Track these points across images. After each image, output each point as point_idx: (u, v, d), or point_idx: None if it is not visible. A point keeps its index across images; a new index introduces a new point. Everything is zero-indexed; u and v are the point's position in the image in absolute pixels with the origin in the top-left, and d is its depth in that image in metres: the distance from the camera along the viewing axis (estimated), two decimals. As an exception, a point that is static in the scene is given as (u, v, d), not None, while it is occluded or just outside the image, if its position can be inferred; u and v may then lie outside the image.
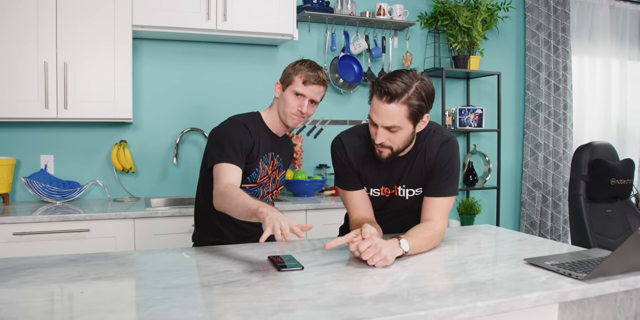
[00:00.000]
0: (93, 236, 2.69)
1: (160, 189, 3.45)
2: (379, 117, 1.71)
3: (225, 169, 1.90)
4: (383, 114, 1.69)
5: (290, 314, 1.15)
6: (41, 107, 2.86)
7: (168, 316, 1.12)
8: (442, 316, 1.19)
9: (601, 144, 2.67)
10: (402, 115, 1.69)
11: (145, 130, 3.41)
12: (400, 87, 1.66)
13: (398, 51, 3.99)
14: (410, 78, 1.69)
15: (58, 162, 3.24)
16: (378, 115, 1.71)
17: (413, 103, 1.68)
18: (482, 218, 4.32)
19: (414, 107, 1.69)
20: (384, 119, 1.70)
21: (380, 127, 1.73)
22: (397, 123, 1.70)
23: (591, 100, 4.73)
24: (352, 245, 1.58)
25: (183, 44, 3.47)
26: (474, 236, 2.09)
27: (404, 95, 1.66)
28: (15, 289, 1.32)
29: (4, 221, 2.55)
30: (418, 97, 1.68)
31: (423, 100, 1.70)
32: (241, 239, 2.09)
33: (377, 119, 1.71)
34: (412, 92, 1.67)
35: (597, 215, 2.59)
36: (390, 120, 1.69)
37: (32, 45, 2.83)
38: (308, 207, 3.09)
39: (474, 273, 1.51)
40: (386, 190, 1.95)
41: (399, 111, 1.68)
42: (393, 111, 1.68)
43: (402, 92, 1.66)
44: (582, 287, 1.39)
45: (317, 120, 3.76)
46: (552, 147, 4.42)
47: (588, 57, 4.69)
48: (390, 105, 1.67)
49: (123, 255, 1.71)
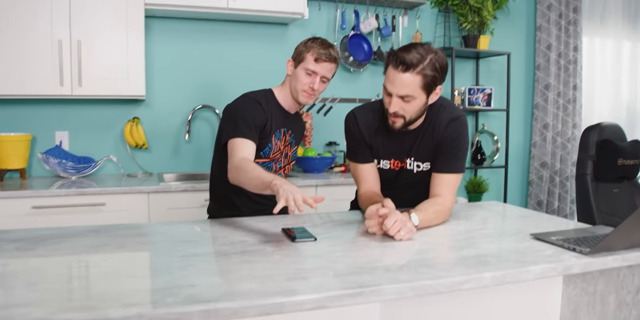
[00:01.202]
0: (109, 210, 2.76)
1: (173, 164, 3.51)
2: (394, 86, 1.76)
3: (240, 144, 1.95)
4: (398, 83, 1.75)
5: (304, 281, 1.21)
6: (56, 84, 2.91)
7: (189, 281, 1.18)
8: (449, 285, 1.25)
9: (609, 125, 2.70)
10: (416, 85, 1.75)
11: (158, 107, 3.46)
12: (415, 57, 1.72)
13: (408, 30, 4.00)
14: (425, 50, 1.75)
15: (73, 138, 3.30)
16: (393, 84, 1.76)
17: (427, 73, 1.74)
18: (490, 197, 4.36)
19: (428, 78, 1.75)
20: (399, 88, 1.76)
21: (395, 96, 1.78)
22: (411, 92, 1.76)
23: (601, 82, 4.72)
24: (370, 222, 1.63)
25: (195, 22, 3.49)
26: (481, 212, 2.13)
27: (419, 65, 1.73)
28: (43, 256, 1.38)
29: (23, 195, 2.62)
30: (432, 68, 1.74)
31: (437, 72, 1.76)
32: (255, 211, 2.15)
33: (392, 88, 1.77)
34: (426, 63, 1.73)
35: (604, 194, 2.63)
36: (405, 89, 1.75)
37: (47, 23, 2.87)
38: (318, 183, 3.15)
39: (480, 246, 1.56)
40: (396, 163, 2.01)
41: (414, 81, 1.74)
42: (408, 80, 1.74)
43: (417, 62, 1.72)
44: (585, 261, 1.44)
45: (327, 98, 3.80)
46: (561, 128, 4.43)
47: (599, 38, 4.67)
48: (405, 75, 1.73)
49: (143, 227, 1.78)
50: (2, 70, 2.82)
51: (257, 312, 1.08)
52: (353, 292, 1.15)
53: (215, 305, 1.05)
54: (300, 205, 1.49)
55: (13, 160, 2.98)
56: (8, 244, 1.49)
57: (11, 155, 2.96)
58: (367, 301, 1.17)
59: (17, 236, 1.58)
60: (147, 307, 1.02)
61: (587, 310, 1.76)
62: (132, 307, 1.02)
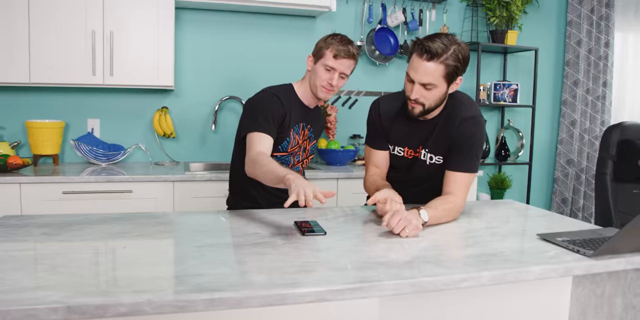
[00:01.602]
0: (135, 197, 2.87)
1: (199, 154, 3.61)
2: (417, 74, 1.82)
3: (258, 138, 2.02)
4: (421, 71, 1.81)
5: (308, 274, 1.27)
6: (89, 73, 3.02)
7: (199, 271, 1.25)
8: (448, 283, 1.29)
9: (632, 124, 2.67)
10: (438, 74, 1.81)
11: (186, 97, 3.55)
12: (440, 47, 1.78)
13: (435, 24, 3.99)
14: (450, 41, 1.81)
15: (104, 126, 3.42)
16: (416, 72, 1.82)
17: (450, 63, 1.80)
18: (513, 193, 4.36)
19: (450, 68, 1.81)
20: (422, 76, 1.82)
21: (417, 84, 1.85)
22: (433, 81, 1.82)
23: (634, 79, 4.63)
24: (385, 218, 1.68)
25: (224, 13, 3.56)
26: (494, 210, 2.16)
27: (442, 55, 1.79)
28: (66, 242, 1.48)
29: (55, 180, 2.75)
30: (455, 59, 1.80)
31: (459, 62, 1.82)
32: (272, 204, 2.22)
33: (415, 75, 1.83)
34: (450, 53, 1.79)
35: (623, 195, 2.62)
36: (427, 77, 1.81)
37: (81, 15, 2.98)
38: (340, 176, 3.20)
39: (486, 245, 1.60)
40: (410, 152, 2.06)
41: (436, 69, 1.80)
42: (431, 69, 1.80)
43: (441, 52, 1.78)
44: (587, 263, 1.46)
45: (352, 91, 3.83)
46: (589, 125, 4.39)
47: (633, 33, 4.58)
48: (429, 63, 1.80)
49: (162, 216, 1.86)
50: (38, 60, 2.94)
51: (260, 302, 1.14)
52: (353, 287, 1.20)
53: (220, 295, 1.11)
54: (310, 200, 1.55)
55: (46, 146, 3.11)
56: (36, 228, 1.59)
57: (45, 141, 3.09)
58: (367, 296, 1.22)
59: (44, 221, 1.68)
60: (156, 295, 1.09)
61: (595, 312, 1.78)
62: (143, 293, 1.09)
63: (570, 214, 4.44)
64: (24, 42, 2.91)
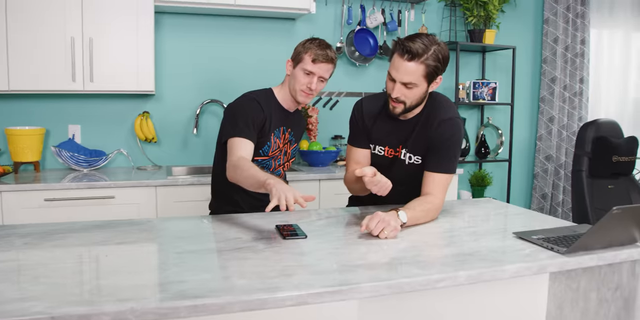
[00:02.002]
0: (118, 203, 2.87)
1: (181, 157, 3.62)
2: (398, 73, 1.87)
3: (238, 143, 2.04)
4: (402, 70, 1.86)
5: (289, 277, 1.29)
6: (68, 80, 3.01)
7: (181, 278, 1.27)
8: (425, 283, 1.33)
9: (606, 122, 2.73)
10: (419, 74, 1.86)
11: (167, 101, 3.55)
12: (420, 47, 1.83)
13: (414, 25, 4.03)
14: (430, 41, 1.86)
15: (85, 131, 3.41)
16: (398, 71, 1.87)
17: (430, 63, 1.85)
18: (494, 190, 4.42)
19: (431, 68, 1.86)
20: (403, 75, 1.86)
21: (398, 83, 1.89)
22: (413, 80, 1.86)
23: (608, 75, 4.72)
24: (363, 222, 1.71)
25: (203, 17, 3.57)
26: (472, 209, 2.20)
27: (423, 55, 1.83)
28: (48, 251, 1.49)
29: (36, 188, 2.74)
30: (435, 59, 1.85)
31: (439, 62, 1.87)
32: (254, 208, 2.24)
33: (396, 75, 1.88)
34: (430, 53, 1.84)
35: (599, 191, 2.67)
36: (408, 77, 1.86)
37: (60, 21, 2.97)
38: (322, 177, 3.23)
39: (463, 244, 1.64)
40: (390, 152, 2.10)
41: (417, 69, 1.85)
42: (412, 69, 1.85)
43: (422, 52, 1.83)
44: (560, 261, 1.50)
45: (333, 93, 3.86)
46: (567, 121, 4.46)
47: (608, 30, 4.66)
48: (410, 63, 1.84)
49: (144, 222, 1.88)
50: (17, 67, 2.93)
51: (242, 307, 1.16)
52: (332, 290, 1.23)
53: (203, 301, 1.14)
54: (291, 204, 1.58)
55: (27, 153, 3.09)
56: (18, 238, 1.60)
57: (25, 148, 3.08)
58: (346, 298, 1.25)
59: (26, 231, 1.68)
60: (139, 303, 1.11)
61: (571, 306, 1.83)
62: (126, 302, 1.11)
63: (550, 209, 4.51)
64: (3, 49, 2.89)
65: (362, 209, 2.15)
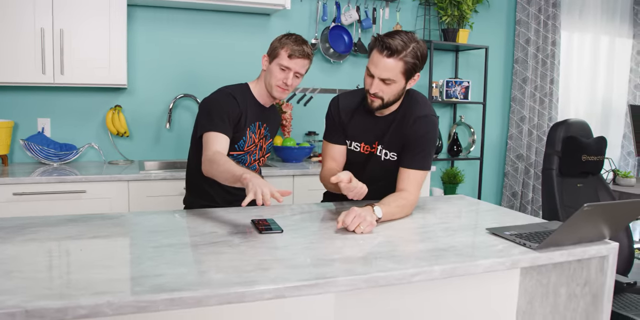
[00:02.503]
0: (89, 197, 2.82)
1: (154, 152, 3.58)
2: (377, 69, 1.88)
3: (214, 138, 2.03)
4: (381, 66, 1.87)
5: (265, 271, 1.29)
6: (38, 72, 2.95)
7: (157, 271, 1.26)
8: (401, 277, 1.34)
9: (576, 122, 2.79)
10: (397, 70, 1.87)
11: (140, 95, 3.51)
12: (400, 44, 1.84)
13: (388, 22, 4.06)
14: (409, 38, 1.87)
15: (55, 125, 3.35)
16: (376, 67, 1.89)
17: (408, 60, 1.87)
18: (465, 187, 4.48)
19: (409, 64, 1.87)
20: (381, 71, 1.88)
21: (376, 79, 1.91)
22: (392, 76, 1.88)
23: (578, 76, 4.82)
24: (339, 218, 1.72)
25: (177, 11, 3.53)
26: (445, 206, 2.23)
27: (402, 52, 1.85)
28: (21, 246, 1.46)
29: (4, 182, 2.68)
30: (413, 56, 1.87)
31: (417, 59, 1.89)
32: (228, 202, 2.23)
33: (375, 71, 1.89)
34: (409, 50, 1.86)
35: (568, 189, 2.73)
36: (387, 73, 1.88)
37: (29, 12, 2.91)
38: (295, 173, 3.23)
39: (437, 240, 1.66)
40: (366, 148, 2.12)
41: (396, 66, 1.87)
42: (390, 65, 1.86)
43: (401, 49, 1.85)
44: (532, 256, 1.53)
45: (307, 89, 3.86)
46: (537, 121, 4.54)
47: (578, 32, 4.76)
48: (389, 60, 1.86)
49: (118, 217, 1.85)
50: (-15, 58, 2.86)
51: (219, 301, 1.16)
52: (309, 284, 1.24)
53: (180, 294, 1.13)
54: (267, 199, 1.58)
55: (-5, 146, 3.03)
56: (-13, 232, 1.57)
57: (-7, 141, 3.01)
58: (323, 292, 1.26)
59: (-4, 225, 1.65)
60: (116, 296, 1.10)
61: (541, 301, 1.87)
62: (102, 295, 1.10)
63: (520, 206, 4.59)
64: (-30, 40, 2.83)
65: (337, 205, 2.15)
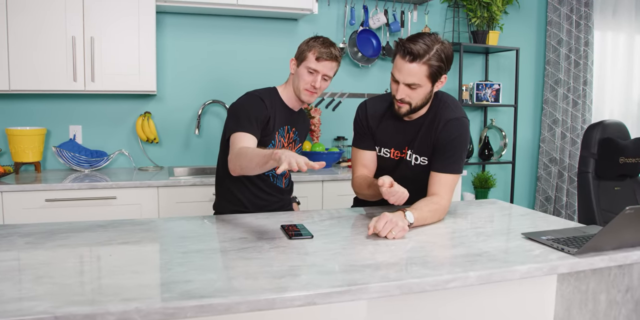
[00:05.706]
0: (119, 203, 2.84)
1: (183, 158, 3.59)
2: (401, 75, 1.85)
3: (240, 137, 2.00)
4: (405, 71, 1.84)
5: (295, 277, 1.27)
6: (69, 80, 2.99)
7: (186, 277, 1.24)
8: (435, 284, 1.30)
9: (612, 123, 2.71)
10: (422, 74, 1.84)
11: (169, 102, 3.53)
12: (422, 48, 1.80)
13: (417, 25, 4.01)
14: (432, 40, 1.83)
15: (86, 132, 3.39)
16: (400, 72, 1.85)
17: (433, 64, 1.83)
18: (497, 192, 4.39)
19: (434, 68, 1.84)
20: (406, 77, 1.85)
21: (402, 84, 1.87)
22: (417, 81, 1.85)
23: (612, 77, 4.70)
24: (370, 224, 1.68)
25: (205, 17, 3.55)
26: (477, 210, 2.18)
27: (425, 55, 1.81)
28: (52, 251, 1.46)
29: (36, 188, 2.71)
30: (438, 59, 1.83)
31: (442, 62, 1.85)
32: (258, 207, 2.21)
33: (399, 76, 1.86)
34: (432, 53, 1.82)
35: (605, 192, 2.65)
36: (411, 78, 1.84)
37: (61, 20, 2.95)
38: (325, 178, 3.20)
39: (472, 245, 1.61)
40: (396, 153, 2.08)
41: (420, 70, 1.83)
42: (414, 70, 1.83)
43: (423, 53, 1.81)
44: (571, 261, 1.48)
45: (336, 93, 3.84)
46: (570, 123, 4.44)
47: (611, 32, 4.65)
48: (412, 65, 1.82)
49: (147, 222, 1.85)
50: (18, 66, 2.90)
51: (249, 307, 1.14)
52: (341, 290, 1.21)
53: (209, 301, 1.11)
54: (302, 165, 1.52)
55: (28, 153, 3.07)
56: (19, 238, 1.57)
57: (26, 148, 3.05)
58: (355, 298, 1.23)
59: (28, 231, 1.66)
60: (144, 302, 1.08)
61: (580, 308, 1.80)
62: (131, 301, 1.09)
63: (553, 211, 4.48)
64: (3, 49, 2.87)
65: (368, 210, 2.12)
